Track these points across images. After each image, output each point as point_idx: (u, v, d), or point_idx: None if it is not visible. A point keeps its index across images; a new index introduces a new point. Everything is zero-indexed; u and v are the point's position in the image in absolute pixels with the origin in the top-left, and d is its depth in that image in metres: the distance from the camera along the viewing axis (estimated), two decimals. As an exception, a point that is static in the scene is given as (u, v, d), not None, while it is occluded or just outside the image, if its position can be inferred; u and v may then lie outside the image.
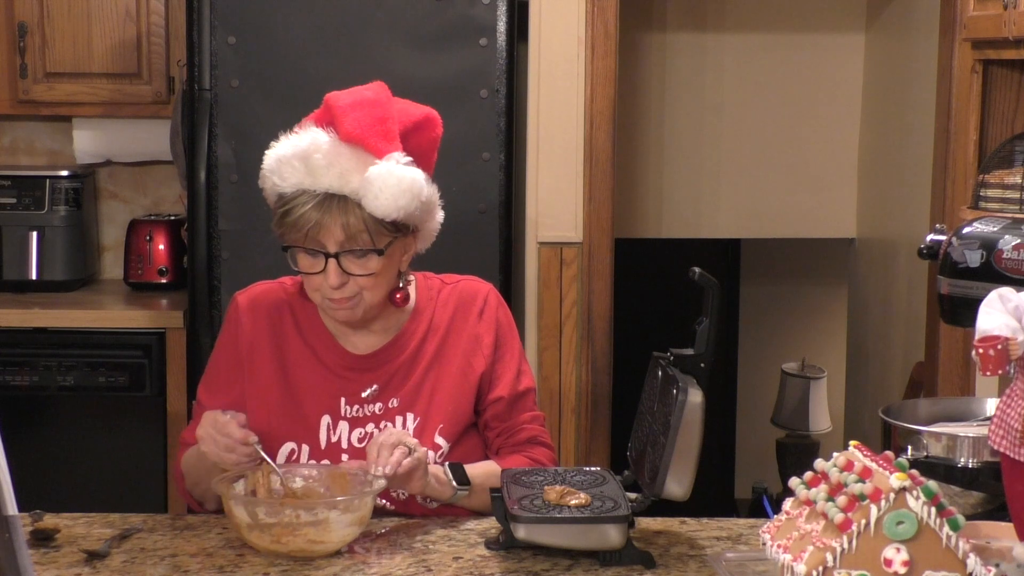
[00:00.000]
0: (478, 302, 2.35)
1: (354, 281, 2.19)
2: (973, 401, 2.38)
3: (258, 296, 2.36)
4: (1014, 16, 2.69)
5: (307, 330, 2.31)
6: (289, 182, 2.17)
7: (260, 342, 2.30)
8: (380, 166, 2.14)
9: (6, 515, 1.45)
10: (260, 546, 1.97)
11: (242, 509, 1.98)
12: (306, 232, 2.16)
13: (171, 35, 3.98)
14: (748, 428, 5.77)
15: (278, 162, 2.18)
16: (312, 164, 2.15)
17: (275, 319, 2.32)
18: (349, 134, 2.15)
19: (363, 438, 2.25)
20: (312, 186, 2.15)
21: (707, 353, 1.99)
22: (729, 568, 1.91)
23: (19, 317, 3.80)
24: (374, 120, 2.17)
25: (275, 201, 2.22)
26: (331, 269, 2.17)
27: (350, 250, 2.17)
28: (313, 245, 2.17)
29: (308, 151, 2.16)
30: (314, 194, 2.15)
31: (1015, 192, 2.71)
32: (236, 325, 2.34)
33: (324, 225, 2.15)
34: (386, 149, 2.16)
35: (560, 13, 3.67)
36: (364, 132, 2.16)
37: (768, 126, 4.72)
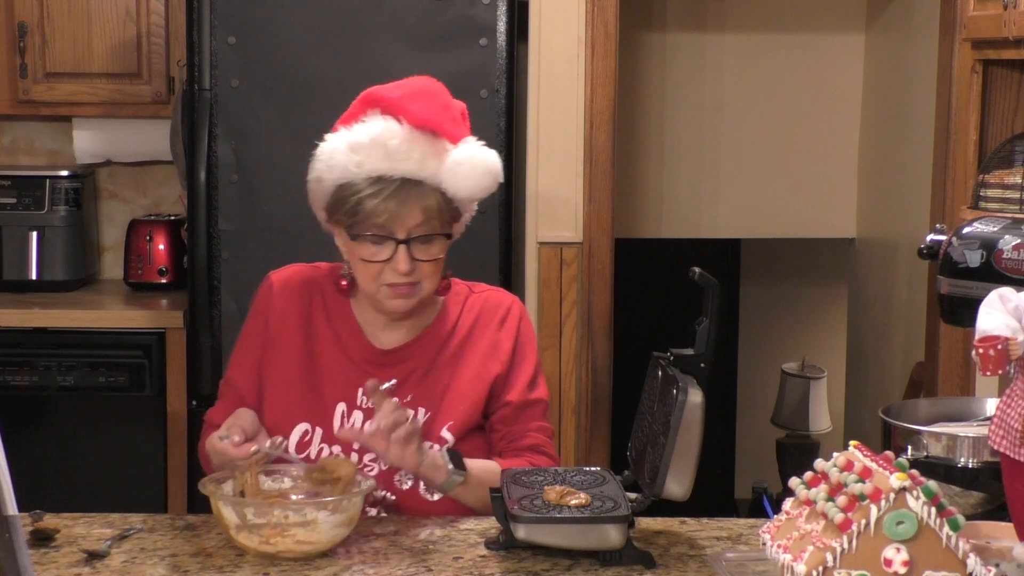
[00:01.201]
0: (501, 311, 2.37)
1: (418, 268, 2.21)
2: (973, 401, 2.38)
3: (292, 277, 2.36)
4: (1014, 16, 2.70)
5: (335, 318, 2.32)
6: (365, 168, 2.18)
7: (289, 321, 2.31)
8: (464, 149, 2.20)
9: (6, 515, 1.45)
10: (248, 547, 1.97)
11: (230, 510, 1.97)
12: (383, 220, 2.17)
13: (171, 35, 3.99)
14: (748, 428, 5.77)
15: (351, 149, 2.19)
16: (390, 149, 2.17)
17: (306, 301, 2.33)
18: (422, 120, 2.19)
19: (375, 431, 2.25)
20: (390, 172, 2.17)
21: (707, 353, 1.99)
22: (729, 568, 1.91)
23: (19, 317, 3.80)
24: (440, 107, 2.23)
25: (338, 190, 2.21)
26: (401, 255, 2.19)
27: (419, 236, 2.19)
28: (383, 232, 2.19)
29: (383, 137, 2.18)
30: (391, 180, 2.18)
31: (1015, 192, 2.71)
32: (267, 302, 2.34)
33: (402, 212, 2.17)
34: (460, 134, 2.22)
35: (560, 13, 3.67)
36: (437, 118, 2.20)
37: (768, 126, 4.72)
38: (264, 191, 3.51)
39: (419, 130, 2.19)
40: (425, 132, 2.19)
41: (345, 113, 2.28)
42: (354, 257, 2.24)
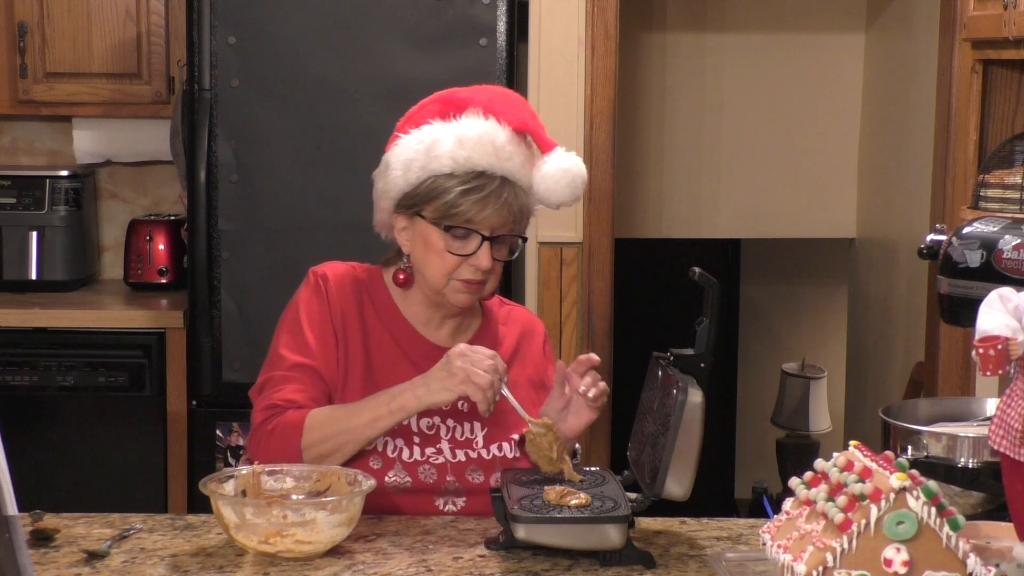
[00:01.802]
0: (539, 336, 2.42)
1: (493, 266, 2.23)
2: (973, 401, 2.38)
3: (341, 273, 2.34)
4: (1014, 16, 2.70)
5: (386, 317, 2.31)
6: (472, 162, 2.19)
7: (351, 319, 2.29)
8: (560, 156, 2.23)
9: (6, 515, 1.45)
10: (248, 547, 1.97)
11: (230, 509, 1.97)
12: (478, 214, 2.19)
13: (171, 35, 3.99)
14: (748, 428, 5.77)
15: (459, 143, 2.19)
16: (498, 147, 2.20)
17: (358, 300, 2.32)
18: (522, 124, 2.23)
19: (431, 427, 2.25)
20: (493, 168, 2.19)
21: (707, 353, 1.99)
22: (729, 568, 1.91)
23: (19, 317, 3.80)
24: (531, 114, 2.28)
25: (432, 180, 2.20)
26: (484, 252, 2.20)
27: (502, 235, 2.21)
28: (471, 226, 2.20)
29: (492, 134, 2.20)
30: (492, 177, 2.20)
31: (1015, 192, 2.71)
32: (323, 294, 2.30)
33: (497, 209, 2.19)
34: (551, 142, 2.26)
35: (560, 13, 3.67)
36: (534, 124, 2.25)
37: (768, 126, 4.72)
38: (264, 191, 3.51)
39: (517, 133, 2.22)
40: (521, 136, 2.23)
41: (415, 111, 2.28)
42: (432, 248, 2.22)
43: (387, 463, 2.22)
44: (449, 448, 2.26)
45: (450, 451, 2.26)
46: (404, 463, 2.23)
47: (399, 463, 2.23)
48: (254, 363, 3.32)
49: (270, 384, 2.25)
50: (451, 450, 2.26)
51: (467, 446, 2.27)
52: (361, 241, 2.58)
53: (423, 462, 2.24)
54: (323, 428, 2.18)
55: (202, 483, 2.05)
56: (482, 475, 2.25)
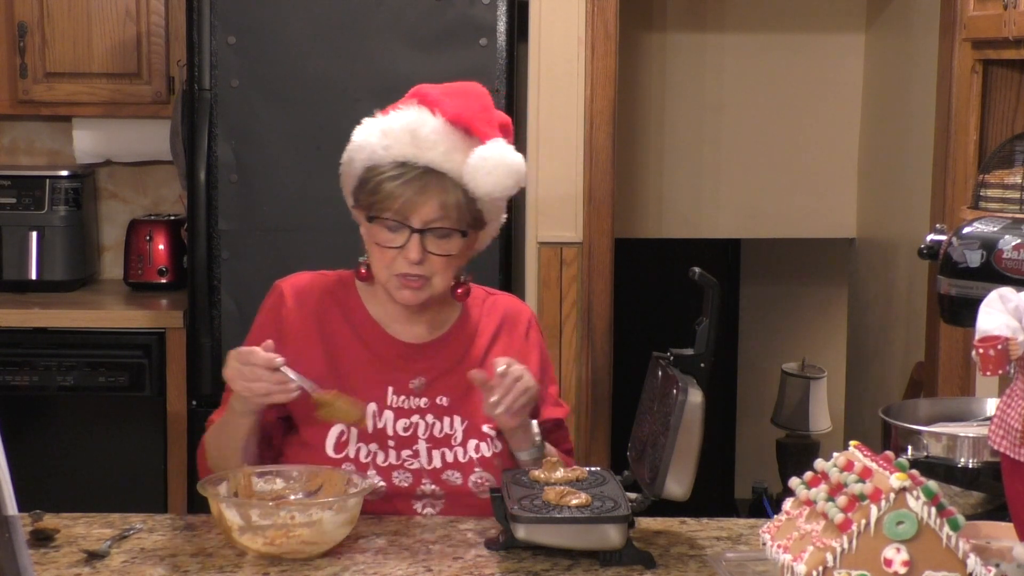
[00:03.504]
0: (522, 323, 2.40)
1: (430, 261, 2.21)
2: (973, 401, 2.38)
3: (302, 285, 2.35)
4: (1014, 16, 2.69)
5: (353, 318, 2.32)
6: (392, 152, 2.20)
7: (308, 330, 2.31)
8: (491, 146, 2.20)
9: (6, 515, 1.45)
10: (252, 548, 1.96)
11: (234, 512, 1.97)
12: (399, 205, 2.19)
13: (171, 35, 3.98)
14: (748, 428, 5.77)
15: (383, 133, 2.21)
16: (420, 137, 2.19)
17: (321, 307, 2.32)
18: (456, 116, 2.21)
19: (408, 428, 2.26)
20: (415, 159, 2.19)
21: (707, 353, 1.99)
22: (729, 568, 1.91)
23: (19, 317, 3.80)
24: (478, 107, 2.25)
25: (364, 172, 2.23)
26: (413, 244, 2.19)
27: (435, 228, 2.20)
28: (399, 219, 2.20)
29: (415, 124, 2.20)
30: (414, 167, 2.19)
31: (1015, 192, 2.71)
32: (278, 310, 2.32)
33: (419, 201, 2.18)
34: (491, 133, 2.22)
35: (560, 13, 3.67)
36: (470, 115, 2.22)
37: (768, 126, 4.72)
38: (264, 191, 3.51)
39: (451, 124, 2.20)
40: (457, 127, 2.21)
41: (389, 107, 2.29)
42: (371, 243, 2.25)
43: (360, 469, 2.23)
44: (426, 449, 2.26)
45: (427, 452, 2.25)
46: (378, 467, 2.23)
47: (373, 468, 2.23)
48: (254, 363, 3.33)
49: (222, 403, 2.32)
50: (428, 451, 2.26)
51: (445, 444, 2.26)
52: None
53: (398, 466, 2.24)
54: (212, 448, 2.24)
55: (200, 485, 2.05)
56: (460, 477, 2.25)
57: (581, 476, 2.10)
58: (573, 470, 2.12)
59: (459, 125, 2.21)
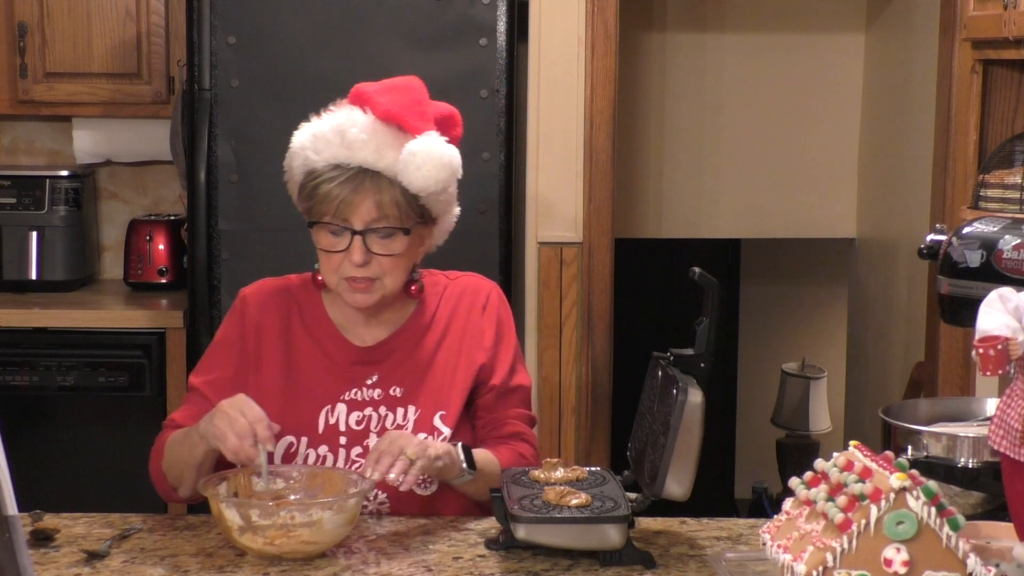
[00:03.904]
0: (480, 298, 2.37)
1: (376, 262, 2.20)
2: (973, 401, 2.38)
3: (264, 291, 2.36)
4: (1014, 16, 2.69)
5: (312, 324, 2.32)
6: (323, 156, 2.19)
7: (268, 337, 2.31)
8: (420, 140, 2.18)
9: (6, 515, 1.45)
10: (252, 548, 1.96)
11: (234, 512, 1.97)
12: (336, 207, 2.18)
13: (171, 35, 3.99)
14: (748, 428, 5.77)
15: (313, 137, 2.21)
16: (348, 138, 2.18)
17: (281, 312, 2.33)
18: (386, 112, 2.19)
19: (361, 421, 2.26)
20: (347, 160, 2.18)
21: (707, 353, 1.99)
22: (729, 568, 1.91)
23: (19, 317, 3.80)
24: (410, 101, 2.23)
25: (303, 177, 2.23)
26: (356, 246, 2.18)
27: (376, 228, 2.18)
28: (339, 222, 2.19)
29: (344, 126, 2.19)
30: (347, 168, 2.18)
31: (1015, 192, 2.71)
32: (241, 319, 2.34)
33: (355, 201, 2.17)
34: (422, 127, 2.20)
35: (560, 13, 3.67)
36: (401, 111, 2.20)
37: (768, 126, 4.72)
38: (264, 191, 3.51)
39: (382, 121, 2.19)
40: (389, 124, 2.19)
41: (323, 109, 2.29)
42: (319, 249, 2.24)
43: None
44: None
45: None
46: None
47: None
48: (254, 363, 3.33)
49: None
50: None
51: None
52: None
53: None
54: (168, 454, 2.23)
55: (201, 484, 2.05)
56: None
57: (581, 476, 2.10)
58: (573, 470, 2.12)
59: (390, 121, 2.19)
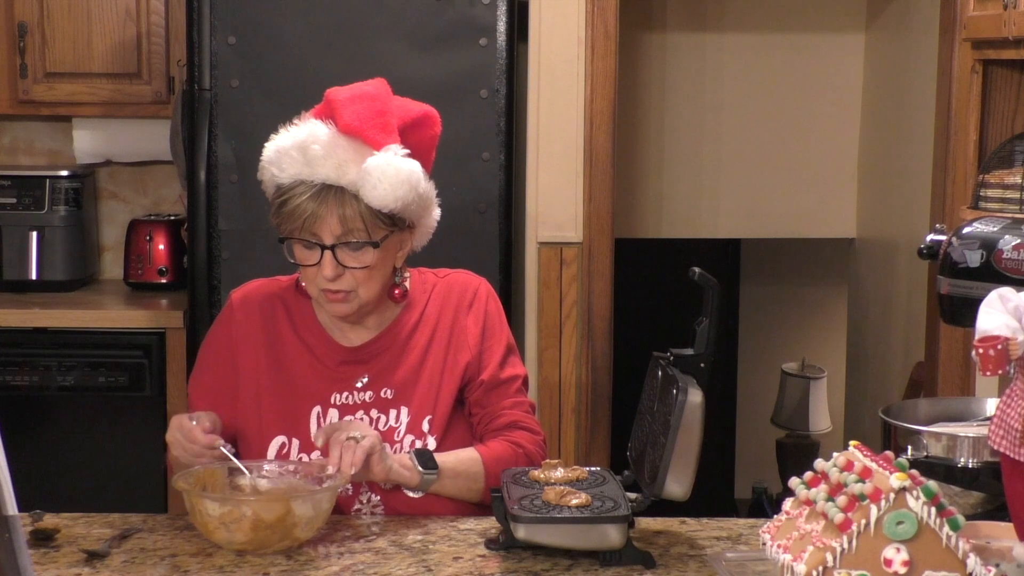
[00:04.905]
0: (468, 294, 2.36)
1: (350, 274, 2.20)
2: (973, 401, 2.38)
3: (251, 292, 2.38)
4: (1014, 16, 2.69)
5: (300, 325, 2.33)
6: (287, 173, 2.19)
7: (252, 337, 2.32)
8: (378, 157, 2.16)
9: (6, 515, 1.45)
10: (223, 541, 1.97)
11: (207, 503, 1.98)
12: (303, 223, 2.18)
13: (171, 35, 3.98)
14: (748, 428, 5.77)
15: (277, 153, 2.21)
16: (310, 155, 2.17)
17: (268, 314, 2.34)
18: (348, 126, 2.18)
19: None
20: (310, 176, 2.18)
21: (707, 353, 1.99)
22: (729, 568, 1.91)
23: (19, 317, 3.80)
24: (373, 113, 2.20)
25: (273, 192, 2.25)
26: (326, 261, 2.18)
27: (346, 242, 2.18)
28: (309, 237, 2.19)
29: (306, 142, 2.18)
30: (311, 184, 2.18)
31: (1015, 192, 2.71)
32: (228, 321, 2.36)
33: (320, 216, 2.17)
34: (384, 141, 2.18)
35: (560, 13, 3.67)
36: (362, 124, 2.18)
37: (768, 126, 4.72)
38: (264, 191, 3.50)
39: (344, 135, 2.18)
40: (351, 138, 2.18)
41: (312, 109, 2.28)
42: (296, 262, 2.25)
43: None
44: None
45: None
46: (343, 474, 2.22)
47: None
48: (254, 363, 3.33)
49: None
50: None
51: (388, 438, 2.25)
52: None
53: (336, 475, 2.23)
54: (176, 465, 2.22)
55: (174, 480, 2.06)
56: None
57: (581, 476, 2.11)
58: (573, 470, 2.12)
59: (352, 136, 2.18)
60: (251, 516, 1.96)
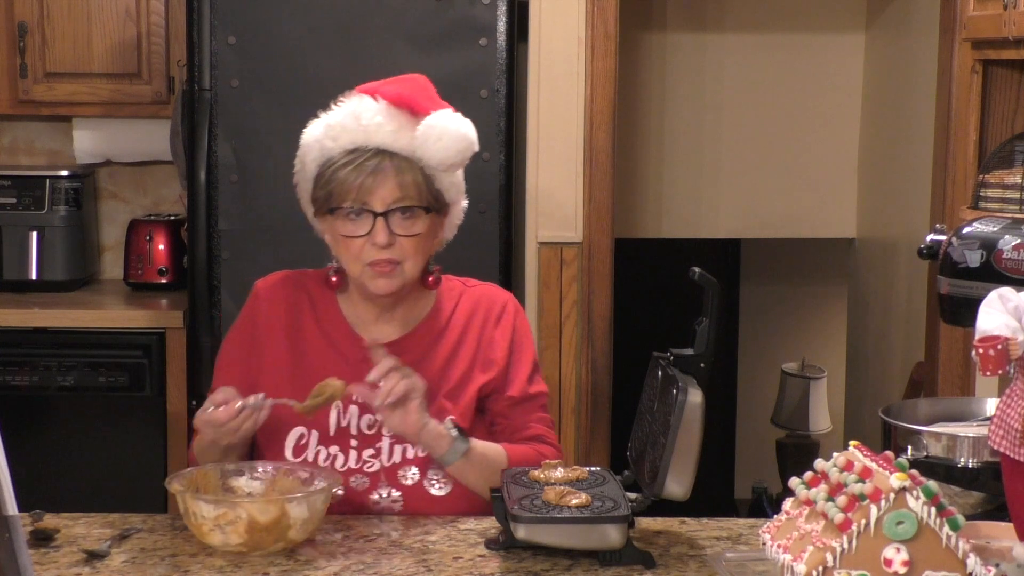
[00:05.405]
0: (496, 308, 2.37)
1: (399, 244, 2.21)
2: (973, 401, 2.38)
3: (277, 283, 2.37)
4: (1014, 16, 2.70)
5: (324, 318, 2.32)
6: (340, 142, 2.21)
7: (275, 326, 2.31)
8: (437, 115, 2.21)
9: (6, 515, 1.45)
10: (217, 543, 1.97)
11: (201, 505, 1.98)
12: (357, 191, 2.18)
13: (171, 35, 3.99)
14: (748, 428, 5.77)
15: (327, 127, 2.22)
16: (365, 121, 2.20)
17: (292, 305, 2.33)
18: (397, 96, 2.22)
19: (372, 425, 2.25)
20: (364, 143, 2.20)
21: (707, 353, 1.99)
22: (729, 568, 1.91)
23: (19, 317, 3.80)
24: (417, 87, 2.27)
25: (319, 168, 2.24)
26: (379, 227, 2.19)
27: (398, 208, 2.19)
28: (360, 204, 2.19)
29: (359, 110, 2.21)
30: (365, 151, 2.20)
31: (1015, 192, 2.71)
32: (253, 310, 2.35)
33: (375, 183, 2.18)
34: (434, 108, 2.23)
35: (560, 13, 3.67)
36: (411, 95, 2.23)
37: (768, 126, 4.72)
38: (264, 191, 3.51)
39: (394, 106, 2.21)
40: (401, 108, 2.21)
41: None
42: (336, 238, 2.24)
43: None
44: (388, 444, 2.25)
45: (388, 448, 2.24)
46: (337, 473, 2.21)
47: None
48: (254, 363, 3.33)
49: None
50: (390, 447, 2.24)
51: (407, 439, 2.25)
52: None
53: (356, 470, 2.23)
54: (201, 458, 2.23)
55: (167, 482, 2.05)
56: (418, 474, 2.24)
57: (581, 476, 2.10)
58: (573, 470, 2.12)
59: (401, 106, 2.22)
60: (246, 518, 1.95)
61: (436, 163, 2.21)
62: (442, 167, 2.22)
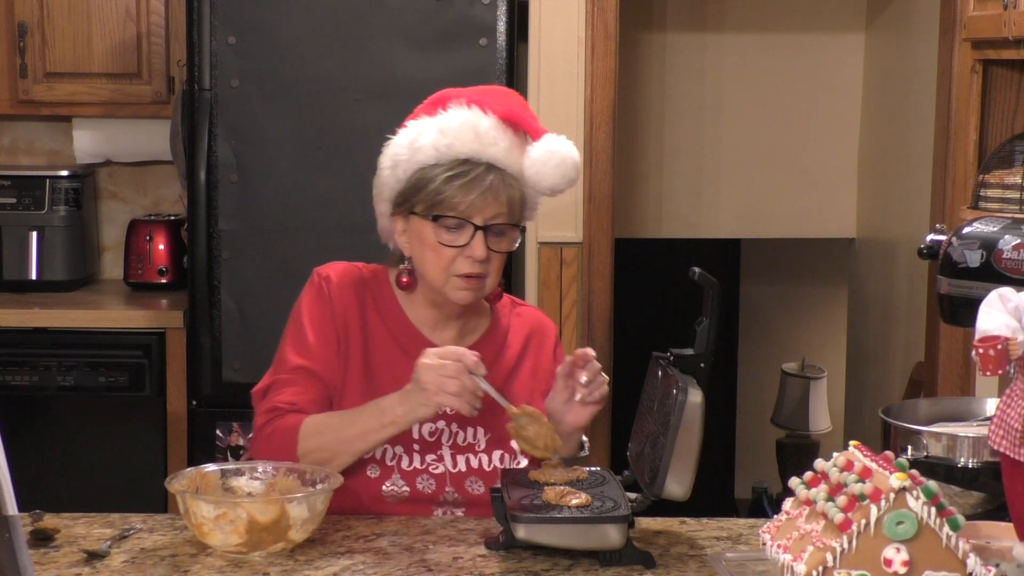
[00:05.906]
0: (550, 338, 2.39)
1: (490, 258, 2.20)
2: (973, 401, 2.38)
3: (344, 275, 2.30)
4: (1014, 16, 2.70)
5: (388, 317, 2.28)
6: (455, 150, 2.18)
7: (352, 320, 2.26)
8: (551, 140, 2.20)
9: (6, 515, 1.45)
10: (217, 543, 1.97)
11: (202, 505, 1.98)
12: (468, 205, 2.16)
13: (171, 35, 3.98)
14: (748, 428, 5.77)
15: (440, 132, 2.19)
16: (481, 133, 2.18)
17: (360, 301, 2.28)
18: (508, 113, 2.21)
19: (433, 433, 2.24)
20: (478, 155, 2.18)
21: (707, 353, 1.99)
22: (729, 568, 1.91)
23: (19, 317, 3.80)
24: (521, 104, 2.26)
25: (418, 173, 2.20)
26: (478, 241, 2.17)
27: (496, 225, 2.18)
28: (464, 217, 2.17)
29: (474, 120, 2.19)
30: (477, 164, 2.18)
31: (1015, 192, 2.71)
32: (329, 299, 2.27)
33: (486, 197, 2.17)
34: (541, 129, 2.22)
35: (560, 13, 3.67)
36: (521, 114, 2.22)
37: (768, 126, 4.73)
38: (264, 191, 3.51)
39: (504, 121, 2.20)
40: (508, 124, 2.21)
41: (416, 110, 2.27)
42: (427, 244, 2.20)
43: (385, 472, 2.21)
44: (450, 454, 2.24)
45: (451, 458, 2.24)
46: (403, 472, 2.22)
47: (397, 472, 2.22)
48: (254, 363, 3.33)
49: (274, 387, 2.24)
50: (452, 456, 2.24)
51: (469, 451, 2.25)
52: (361, 241, 2.58)
53: (422, 471, 2.23)
54: (319, 436, 2.16)
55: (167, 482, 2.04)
56: (482, 486, 2.24)
57: (581, 476, 2.10)
58: (573, 470, 2.12)
59: (510, 123, 2.21)
60: (246, 518, 1.95)
61: (548, 187, 2.21)
62: (553, 192, 2.23)
